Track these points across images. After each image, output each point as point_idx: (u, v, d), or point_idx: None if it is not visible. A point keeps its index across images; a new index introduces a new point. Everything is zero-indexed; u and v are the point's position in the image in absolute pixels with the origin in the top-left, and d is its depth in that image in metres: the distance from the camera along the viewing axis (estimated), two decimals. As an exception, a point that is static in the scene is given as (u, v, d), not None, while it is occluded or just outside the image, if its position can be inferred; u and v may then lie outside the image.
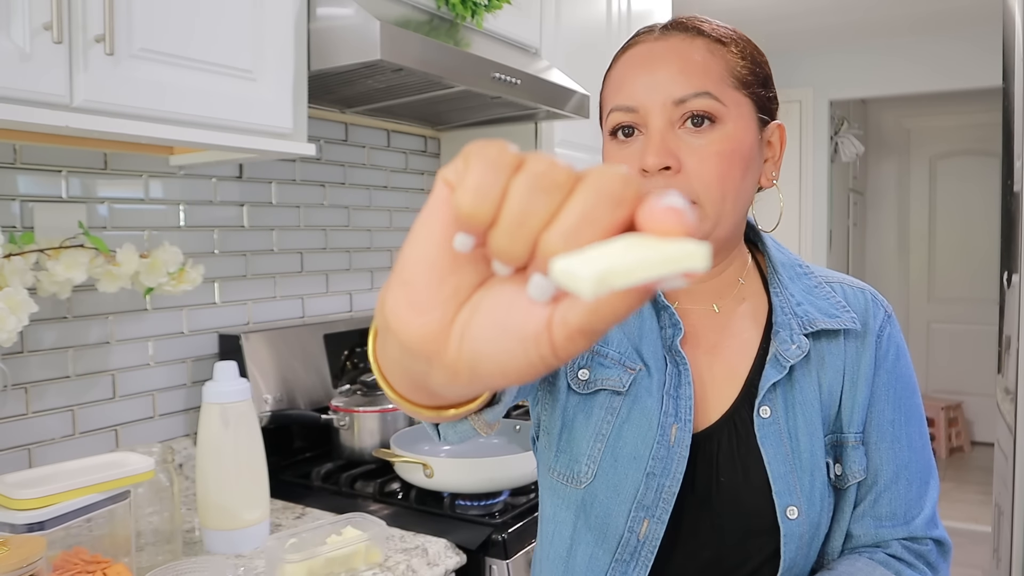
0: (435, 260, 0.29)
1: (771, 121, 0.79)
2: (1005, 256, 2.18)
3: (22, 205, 1.22)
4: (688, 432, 0.75)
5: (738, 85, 0.75)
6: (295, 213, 1.70)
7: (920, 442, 0.81)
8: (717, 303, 0.81)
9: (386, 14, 1.29)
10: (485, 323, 0.28)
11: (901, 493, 0.79)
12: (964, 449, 5.09)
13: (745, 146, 0.75)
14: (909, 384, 0.82)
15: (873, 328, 0.81)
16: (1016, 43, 2.00)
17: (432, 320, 0.29)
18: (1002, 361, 2.20)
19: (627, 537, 0.74)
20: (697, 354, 0.79)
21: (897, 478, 0.79)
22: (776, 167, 0.80)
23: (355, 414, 1.50)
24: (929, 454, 0.82)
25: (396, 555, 1.13)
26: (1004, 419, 2.12)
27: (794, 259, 0.85)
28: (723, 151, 0.73)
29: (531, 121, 1.89)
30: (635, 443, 0.75)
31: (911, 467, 0.80)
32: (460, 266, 0.29)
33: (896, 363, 0.81)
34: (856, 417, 0.78)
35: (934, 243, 5.42)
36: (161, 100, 1.02)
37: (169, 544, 1.13)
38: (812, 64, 4.36)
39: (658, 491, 0.74)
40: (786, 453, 0.75)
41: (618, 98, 0.76)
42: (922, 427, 0.82)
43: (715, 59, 0.75)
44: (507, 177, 0.27)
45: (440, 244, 0.29)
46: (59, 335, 1.27)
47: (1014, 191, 2.04)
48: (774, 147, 0.80)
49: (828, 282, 0.83)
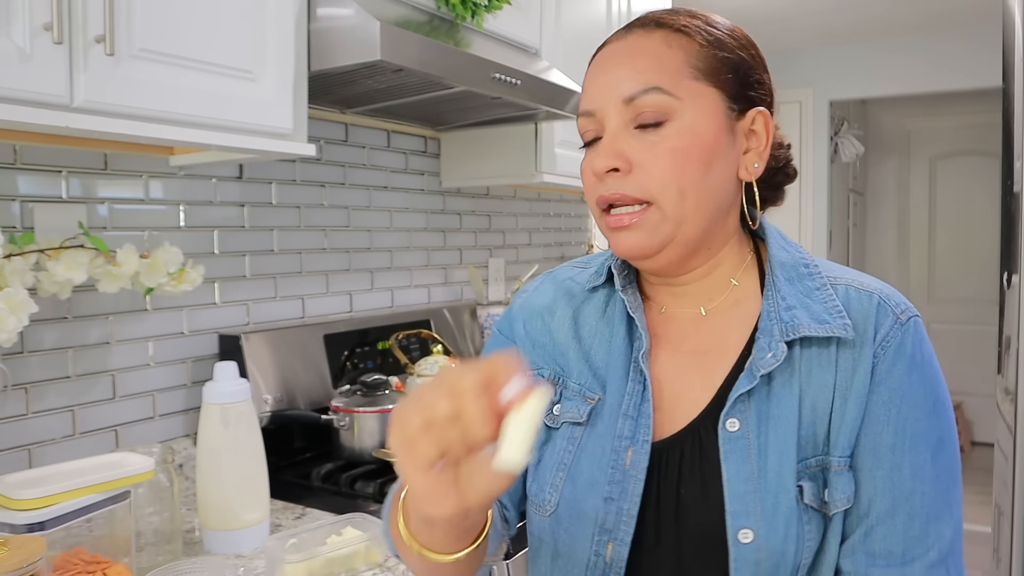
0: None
1: (750, 108, 0.74)
2: (1005, 256, 2.18)
3: (22, 205, 1.22)
4: (645, 453, 0.72)
5: (699, 75, 0.72)
6: (295, 213, 1.70)
7: (932, 473, 0.68)
8: (705, 306, 0.78)
9: (386, 14, 1.29)
10: (472, 487, 0.53)
11: (899, 529, 0.67)
12: (964, 449, 5.09)
13: (706, 139, 0.71)
14: (922, 404, 0.69)
15: (871, 337, 0.70)
16: (1016, 43, 2.00)
17: (451, 504, 0.53)
18: (1002, 361, 2.20)
19: (594, 560, 0.73)
20: (675, 360, 0.77)
21: (895, 511, 0.68)
22: (761, 158, 0.74)
23: (355, 414, 1.50)
24: (949, 488, 0.69)
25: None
26: (1004, 419, 2.12)
27: (800, 257, 0.76)
28: (677, 147, 0.70)
29: (531, 121, 1.89)
30: (591, 470, 0.74)
31: (914, 500, 0.68)
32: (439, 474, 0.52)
33: (904, 379, 0.69)
34: (843, 438, 0.69)
35: (934, 243, 5.42)
36: (161, 100, 1.02)
37: (169, 544, 1.13)
38: (812, 64, 4.36)
39: (617, 514, 0.72)
40: (751, 472, 0.68)
41: (581, 104, 0.75)
42: (940, 455, 0.69)
43: (671, 51, 0.72)
44: (421, 440, 0.51)
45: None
46: (59, 335, 1.27)
47: (1014, 191, 2.04)
48: (758, 136, 0.74)
49: (835, 284, 0.74)
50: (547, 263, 2.67)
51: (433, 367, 1.69)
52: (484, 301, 2.24)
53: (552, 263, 2.71)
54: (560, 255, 2.76)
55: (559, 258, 2.75)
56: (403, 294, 2.01)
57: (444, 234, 2.16)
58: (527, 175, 1.96)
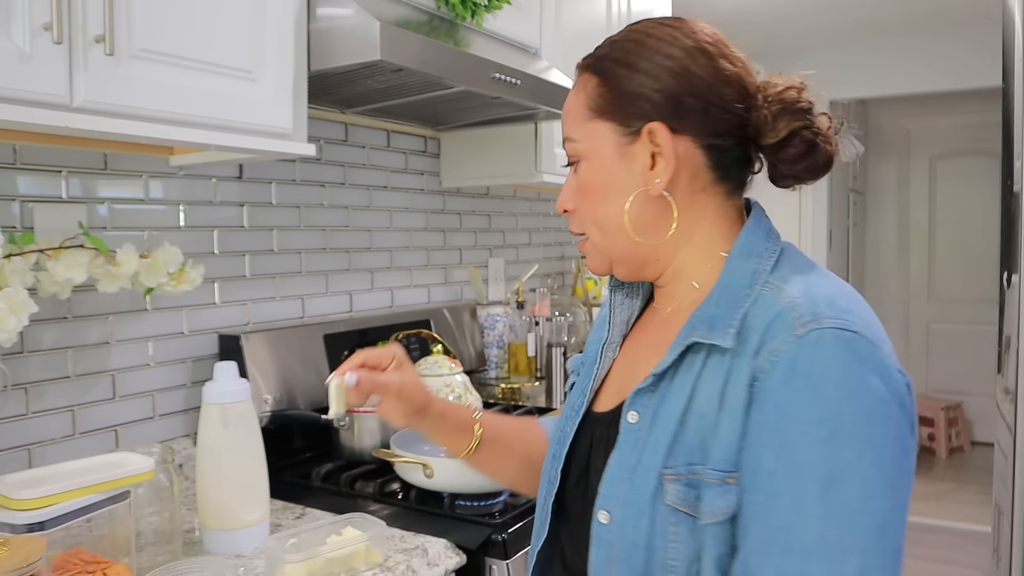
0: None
1: (641, 128, 0.74)
2: (1005, 256, 2.18)
3: (22, 205, 1.22)
4: (575, 423, 0.83)
5: (592, 115, 0.77)
6: (295, 213, 1.70)
7: (818, 509, 0.60)
8: (671, 306, 0.81)
9: (386, 14, 1.29)
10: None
11: (772, 563, 0.61)
12: (964, 449, 5.09)
13: (601, 174, 0.77)
14: (813, 430, 0.61)
15: (754, 348, 0.66)
16: (1016, 43, 2.00)
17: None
18: (1002, 361, 2.20)
19: (543, 505, 0.86)
20: (635, 351, 0.85)
21: (769, 544, 0.61)
22: (666, 170, 0.73)
23: (355, 414, 1.51)
24: (843, 532, 0.60)
25: (396, 555, 1.13)
26: (1004, 419, 2.12)
27: (756, 265, 0.73)
28: (583, 186, 0.79)
29: (531, 121, 1.89)
30: (556, 430, 0.87)
31: (791, 535, 0.60)
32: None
33: (792, 398, 0.62)
34: (716, 451, 0.66)
35: (934, 243, 5.42)
36: (161, 100, 1.03)
37: (169, 544, 1.13)
38: (812, 64, 4.34)
39: (552, 470, 0.84)
40: (630, 462, 0.71)
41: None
42: (833, 491, 0.60)
43: (578, 96, 0.79)
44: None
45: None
46: (59, 335, 1.27)
47: (1014, 191, 2.04)
48: (662, 148, 0.74)
49: (765, 288, 0.70)
50: (547, 263, 2.68)
51: (433, 367, 1.69)
52: (484, 301, 2.24)
53: (552, 263, 2.71)
54: (560, 255, 2.76)
55: (559, 258, 2.75)
56: (403, 294, 2.01)
57: (444, 234, 2.16)
58: (527, 175, 1.96)
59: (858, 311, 0.67)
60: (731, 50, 0.77)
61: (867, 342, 0.64)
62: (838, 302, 0.66)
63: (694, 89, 0.73)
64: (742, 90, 0.75)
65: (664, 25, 0.77)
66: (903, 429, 0.64)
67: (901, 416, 0.64)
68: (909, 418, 0.65)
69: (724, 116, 0.74)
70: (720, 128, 0.75)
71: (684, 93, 0.73)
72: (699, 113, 0.74)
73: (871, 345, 0.64)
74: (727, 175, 0.77)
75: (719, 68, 0.74)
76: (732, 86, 0.74)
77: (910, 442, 0.64)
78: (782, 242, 0.77)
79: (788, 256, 0.74)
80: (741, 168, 0.78)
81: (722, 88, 0.74)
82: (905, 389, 0.65)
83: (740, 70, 0.76)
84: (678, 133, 0.74)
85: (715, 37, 0.77)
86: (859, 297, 0.71)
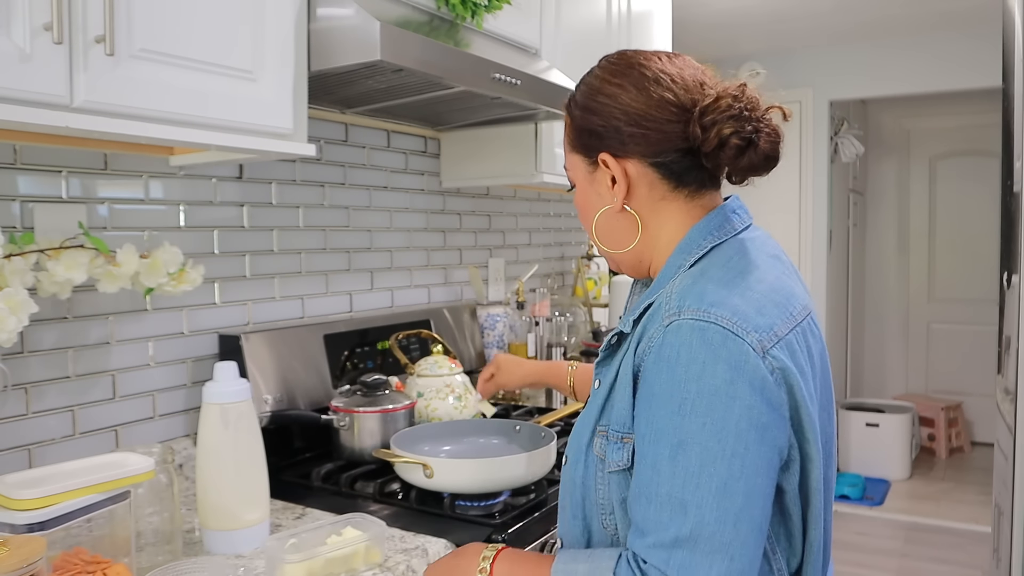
0: None
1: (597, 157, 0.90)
2: (1005, 256, 2.19)
3: (22, 205, 1.22)
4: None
5: (571, 149, 0.95)
6: (295, 213, 1.70)
7: (668, 469, 0.74)
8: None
9: (386, 14, 1.29)
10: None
11: (640, 508, 0.77)
12: (964, 449, 5.09)
13: (582, 196, 0.95)
14: (667, 403, 0.76)
15: (638, 336, 0.83)
16: (1016, 43, 2.00)
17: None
18: (1002, 361, 2.20)
19: None
20: None
21: (639, 494, 0.77)
22: (619, 191, 0.89)
23: (355, 414, 1.50)
24: (685, 487, 0.73)
25: (396, 555, 1.13)
26: (1004, 419, 2.12)
27: (681, 261, 0.87)
28: (576, 206, 0.98)
29: (531, 121, 1.89)
30: None
31: (651, 489, 0.76)
32: None
33: (657, 378, 0.77)
34: (616, 417, 0.83)
35: (934, 243, 5.42)
36: (161, 100, 1.03)
37: (169, 544, 1.13)
38: (812, 64, 4.36)
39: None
40: (585, 420, 0.90)
41: None
42: (680, 456, 0.74)
43: (564, 133, 0.97)
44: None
45: None
46: (59, 335, 1.27)
47: (1014, 191, 2.04)
48: (614, 172, 0.89)
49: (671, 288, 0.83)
50: (547, 263, 2.68)
51: (433, 367, 1.69)
52: (484, 301, 2.24)
53: (552, 263, 2.71)
54: (560, 255, 2.76)
55: (559, 258, 2.75)
56: (403, 294, 2.01)
57: (444, 234, 2.16)
58: (527, 175, 1.96)
59: (732, 303, 0.78)
60: (668, 76, 0.87)
61: (721, 330, 0.75)
62: (707, 297, 0.78)
63: (631, 119, 0.87)
64: (678, 110, 0.85)
65: (612, 64, 0.91)
66: (753, 407, 0.74)
67: (752, 395, 0.74)
68: (766, 395, 0.75)
69: (661, 136, 0.86)
70: (661, 147, 0.87)
71: (623, 124, 0.87)
72: (638, 138, 0.87)
73: (725, 333, 0.75)
74: (682, 181, 0.89)
75: (651, 96, 0.86)
76: (665, 110, 0.86)
77: (766, 416, 0.75)
78: (728, 236, 0.87)
79: (715, 252, 0.86)
80: (695, 172, 0.88)
81: (655, 113, 0.86)
82: (765, 371, 0.76)
83: (676, 93, 0.86)
84: (625, 157, 0.88)
85: (658, 67, 0.88)
86: (757, 292, 0.80)
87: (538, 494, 1.34)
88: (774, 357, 0.77)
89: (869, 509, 4.11)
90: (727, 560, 0.73)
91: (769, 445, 0.76)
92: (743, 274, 0.82)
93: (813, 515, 0.84)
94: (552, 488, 1.36)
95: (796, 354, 0.80)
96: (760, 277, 0.83)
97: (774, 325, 0.79)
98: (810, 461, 0.82)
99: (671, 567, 0.73)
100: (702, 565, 0.73)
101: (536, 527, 1.25)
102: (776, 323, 0.79)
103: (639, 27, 2.42)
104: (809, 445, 0.81)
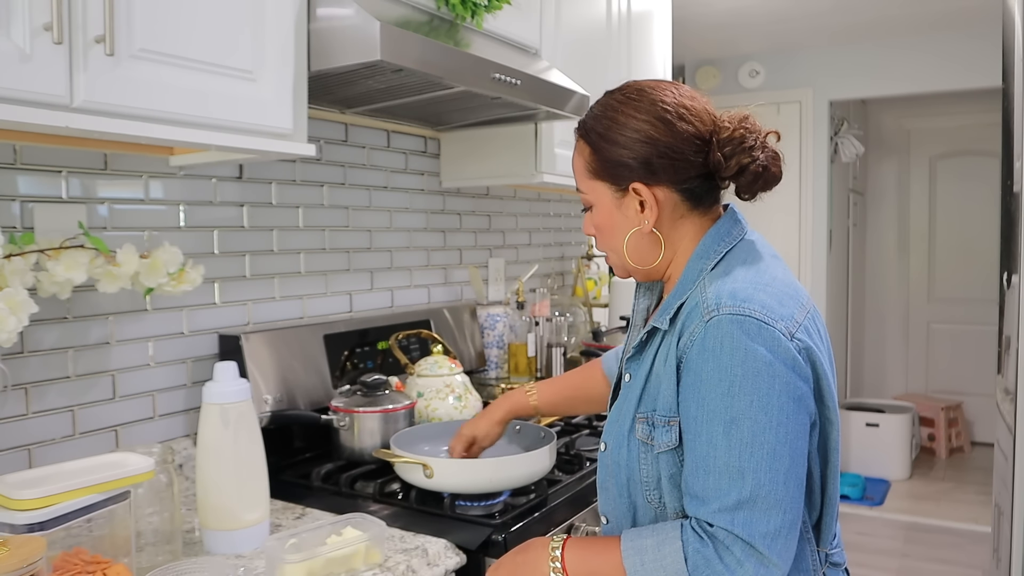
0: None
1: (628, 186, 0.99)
2: (1005, 256, 2.19)
3: (22, 205, 1.22)
4: (614, 383, 1.14)
5: (592, 176, 1.03)
6: (295, 213, 1.70)
7: (724, 443, 0.86)
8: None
9: (386, 14, 1.29)
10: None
11: (699, 480, 0.88)
12: (964, 449, 5.09)
13: (606, 217, 1.04)
14: (716, 387, 0.87)
15: (679, 331, 0.94)
16: (1016, 43, 2.00)
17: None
18: (1002, 361, 2.20)
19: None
20: None
21: (695, 468, 0.89)
22: (650, 216, 0.99)
23: (355, 414, 1.50)
24: (742, 457, 0.86)
25: (396, 555, 1.13)
26: (1004, 419, 2.12)
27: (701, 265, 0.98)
28: (596, 225, 1.06)
29: (531, 121, 1.89)
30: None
31: (708, 463, 0.87)
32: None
33: (703, 367, 0.89)
34: (660, 403, 0.95)
35: (934, 243, 5.42)
36: (161, 100, 1.03)
37: (169, 544, 1.13)
38: (812, 64, 4.36)
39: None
40: (621, 410, 1.02)
41: None
42: (733, 430, 0.86)
43: (579, 159, 1.05)
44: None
45: None
46: (59, 335, 1.27)
47: (1014, 191, 2.04)
48: (646, 201, 0.99)
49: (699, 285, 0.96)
50: (547, 263, 2.68)
51: (433, 367, 1.69)
52: (484, 301, 2.24)
53: (552, 263, 2.71)
54: (560, 255, 2.76)
55: (559, 258, 2.75)
56: (403, 294, 2.01)
57: (444, 234, 2.16)
58: (527, 175, 1.96)
59: (759, 298, 0.90)
60: (687, 110, 0.98)
61: (756, 321, 0.88)
62: (739, 294, 0.90)
63: (660, 152, 0.97)
64: (699, 142, 0.97)
65: (631, 100, 0.99)
66: (790, 382, 0.87)
67: (787, 372, 0.88)
68: (798, 371, 0.89)
69: (687, 166, 0.98)
70: (687, 174, 0.98)
71: (653, 156, 0.97)
72: (667, 168, 0.98)
73: (759, 323, 0.88)
74: (700, 202, 1.01)
75: (677, 131, 0.97)
76: (690, 143, 0.97)
77: (803, 389, 0.89)
78: (737, 241, 1.00)
79: (730, 256, 0.98)
80: (711, 193, 1.02)
81: (681, 146, 0.97)
82: (794, 351, 0.89)
83: (696, 126, 0.97)
84: (655, 185, 0.99)
85: (675, 101, 0.98)
86: (775, 288, 0.92)
87: (538, 494, 1.34)
88: (799, 339, 0.90)
89: (869, 509, 4.11)
90: (781, 513, 0.85)
91: (804, 413, 0.89)
92: (761, 273, 0.95)
93: (831, 472, 0.97)
94: (552, 488, 1.36)
95: (812, 335, 0.93)
96: (773, 275, 0.95)
97: (794, 314, 0.92)
98: (830, 424, 0.96)
99: (736, 526, 0.85)
100: (761, 520, 0.85)
101: (536, 527, 1.25)
102: (795, 312, 0.92)
103: (639, 27, 2.42)
104: (829, 411, 0.95)
